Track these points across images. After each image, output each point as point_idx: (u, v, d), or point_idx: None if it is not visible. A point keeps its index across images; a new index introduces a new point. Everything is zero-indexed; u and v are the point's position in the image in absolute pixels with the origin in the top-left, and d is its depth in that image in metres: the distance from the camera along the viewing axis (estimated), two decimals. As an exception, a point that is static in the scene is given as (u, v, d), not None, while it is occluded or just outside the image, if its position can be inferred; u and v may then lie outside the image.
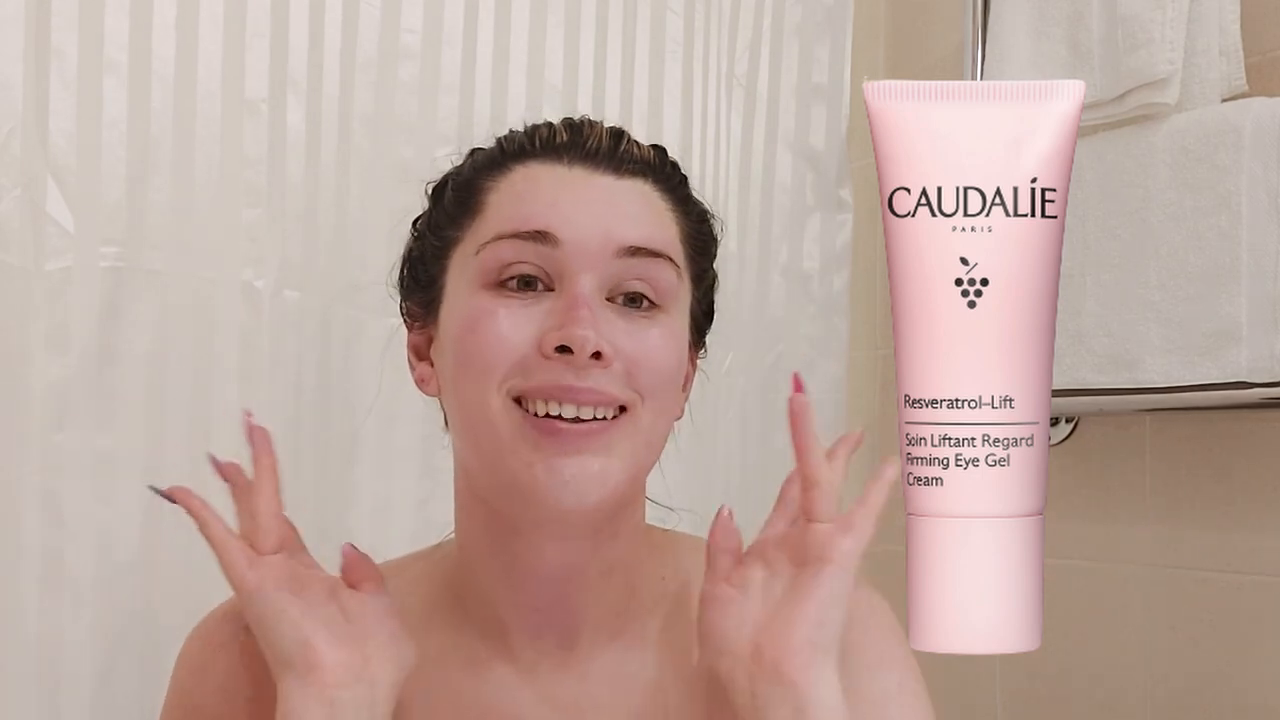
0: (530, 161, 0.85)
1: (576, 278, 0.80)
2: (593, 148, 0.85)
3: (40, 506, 1.23)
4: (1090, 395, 1.41)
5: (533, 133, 0.87)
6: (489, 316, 0.81)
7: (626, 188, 0.84)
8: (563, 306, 0.80)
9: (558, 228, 0.81)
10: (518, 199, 0.83)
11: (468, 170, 0.88)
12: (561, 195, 0.83)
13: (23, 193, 1.22)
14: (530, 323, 0.80)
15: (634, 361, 0.80)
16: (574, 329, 0.78)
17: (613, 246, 0.81)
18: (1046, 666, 1.56)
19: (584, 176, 0.84)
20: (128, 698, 1.27)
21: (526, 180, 0.84)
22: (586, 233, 0.81)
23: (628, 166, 0.85)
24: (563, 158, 0.85)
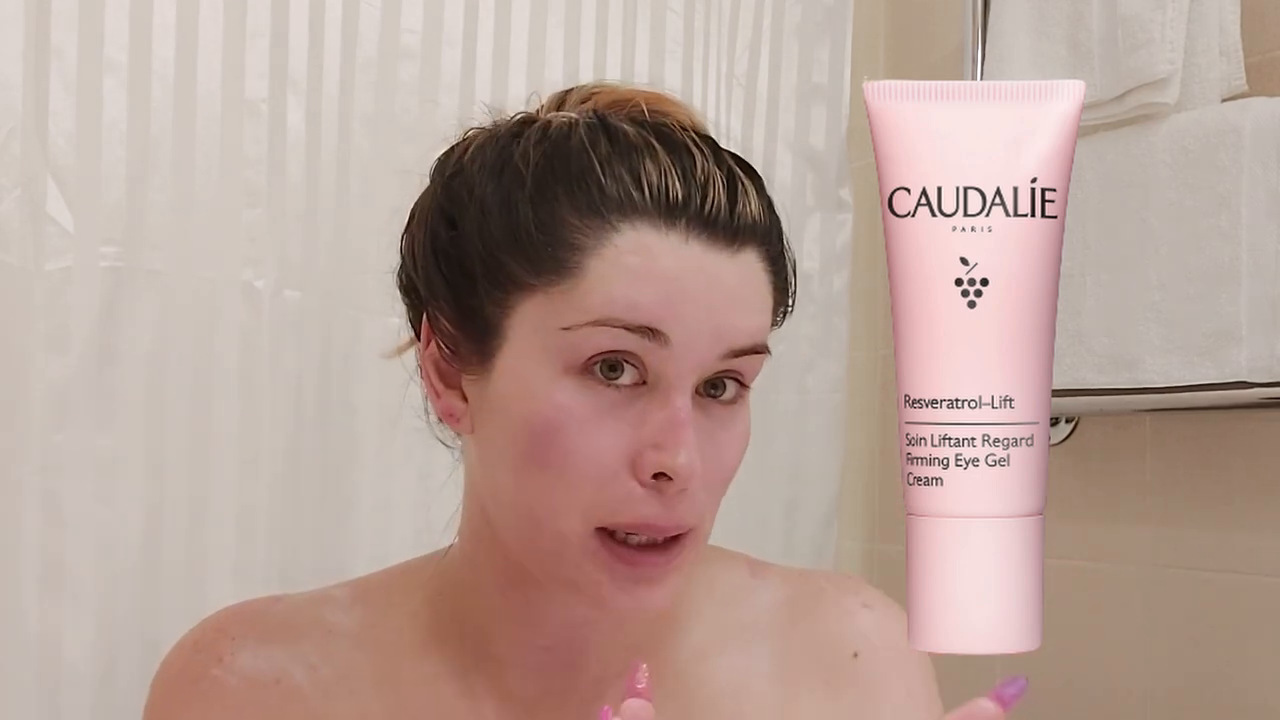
0: (640, 223, 0.72)
1: (680, 385, 0.72)
2: (712, 212, 0.73)
3: (40, 506, 1.23)
4: (1090, 395, 1.41)
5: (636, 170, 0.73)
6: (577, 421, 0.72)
7: (741, 269, 0.74)
8: (663, 422, 0.72)
9: (670, 326, 0.72)
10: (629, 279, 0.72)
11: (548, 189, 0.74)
12: (677, 288, 0.72)
13: (23, 193, 1.22)
14: (622, 430, 0.72)
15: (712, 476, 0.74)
16: (678, 456, 0.71)
17: (721, 349, 0.73)
18: (1046, 666, 1.56)
19: (701, 257, 0.73)
20: (128, 698, 1.27)
21: (637, 252, 0.72)
22: (699, 334, 0.72)
23: (742, 237, 0.74)
24: (677, 223, 0.73)
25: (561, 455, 0.72)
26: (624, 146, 0.75)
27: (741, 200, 0.75)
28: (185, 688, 0.83)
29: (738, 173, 0.77)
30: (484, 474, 0.79)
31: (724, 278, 0.73)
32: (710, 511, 0.76)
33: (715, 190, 0.74)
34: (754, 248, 0.75)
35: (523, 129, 0.79)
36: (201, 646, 0.84)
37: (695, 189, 0.73)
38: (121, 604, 1.27)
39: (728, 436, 0.75)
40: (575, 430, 0.72)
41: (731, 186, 0.75)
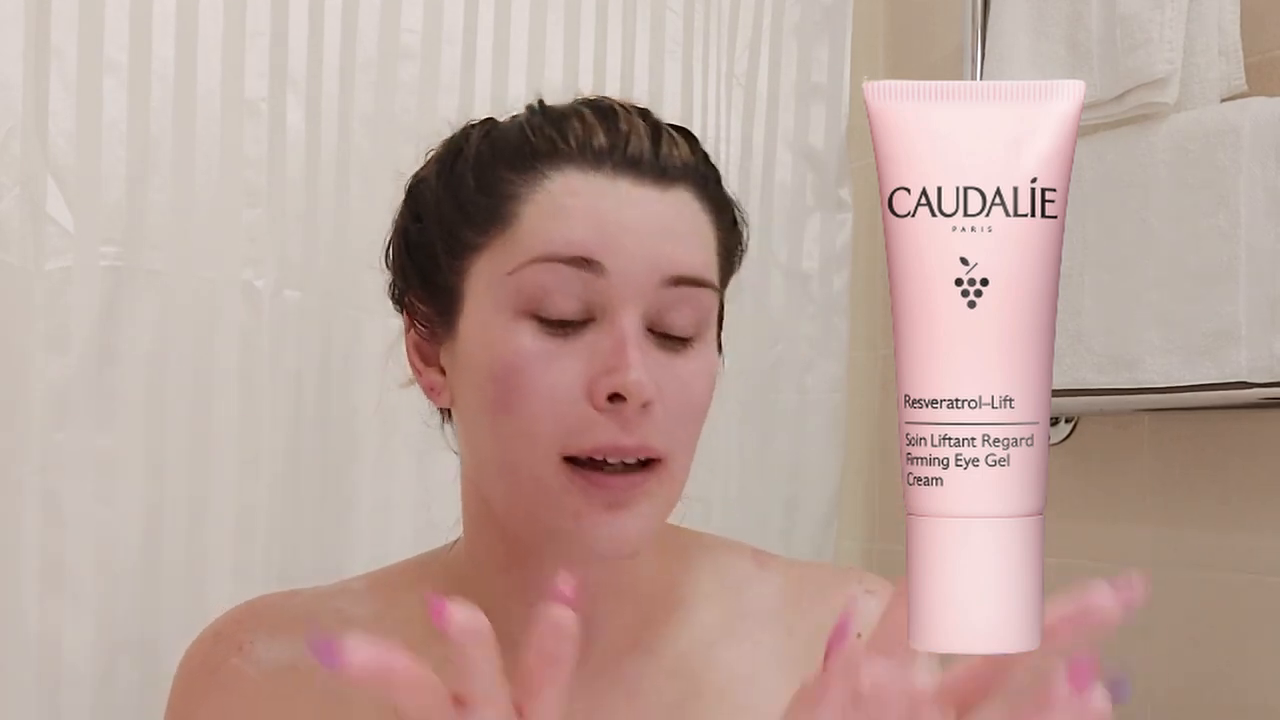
0: (567, 168, 0.78)
1: (622, 311, 0.76)
2: (635, 153, 0.78)
3: (40, 506, 1.23)
4: (1090, 395, 1.41)
5: (564, 128, 0.80)
6: (531, 359, 0.75)
7: (672, 202, 0.79)
8: (610, 346, 0.75)
9: (605, 255, 0.75)
10: (558, 216, 0.77)
11: (489, 159, 0.80)
12: (608, 217, 0.76)
13: (22, 192, 1.22)
14: (575, 364, 0.75)
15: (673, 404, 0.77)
16: (626, 375, 0.74)
17: (659, 276, 0.76)
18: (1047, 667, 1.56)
19: (629, 192, 0.77)
20: (128, 698, 1.27)
21: (567, 194, 0.77)
22: (635, 261, 0.76)
23: (671, 174, 0.79)
24: (604, 165, 0.78)
25: (522, 395, 0.75)
26: (555, 115, 0.81)
27: (667, 146, 0.79)
28: (205, 677, 0.86)
29: (665, 127, 0.81)
30: (467, 442, 0.82)
31: (654, 210, 0.78)
32: (681, 447, 0.78)
33: (638, 137, 0.79)
34: (685, 187, 0.79)
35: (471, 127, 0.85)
36: (222, 637, 0.87)
37: (619, 137, 0.79)
38: (121, 604, 1.27)
39: (689, 370, 0.78)
40: (531, 368, 0.75)
41: (656, 135, 0.80)
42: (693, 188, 0.80)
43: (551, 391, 0.75)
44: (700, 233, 0.80)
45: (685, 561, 0.89)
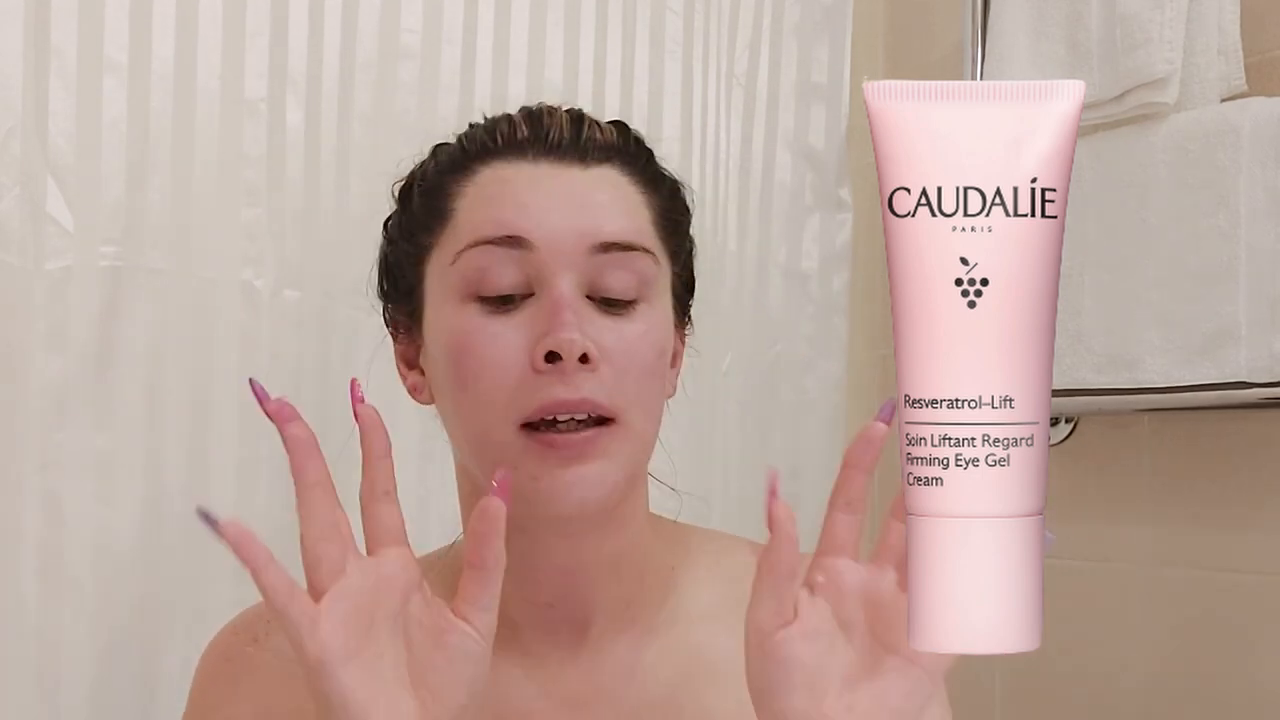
0: (494, 161, 0.85)
1: (554, 279, 0.80)
2: (555, 139, 0.84)
3: (40, 506, 1.23)
4: (1090, 395, 1.41)
5: (493, 129, 0.86)
6: (478, 336, 0.81)
7: (595, 178, 0.84)
8: (545, 311, 0.80)
9: (530, 231, 0.81)
10: (487, 203, 0.83)
11: (433, 173, 0.88)
12: (530, 196, 0.82)
13: (22, 192, 1.22)
14: (518, 335, 0.80)
15: (619, 362, 0.80)
16: (559, 333, 0.78)
17: (587, 244, 0.81)
18: (1046, 666, 1.56)
19: (550, 172, 0.84)
20: (127, 697, 1.27)
21: (494, 182, 0.84)
22: (560, 233, 0.81)
23: (593, 154, 0.85)
24: (527, 153, 0.84)
25: (474, 371, 0.80)
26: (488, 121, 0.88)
27: (588, 130, 0.85)
28: (222, 665, 0.90)
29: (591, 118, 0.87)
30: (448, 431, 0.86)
31: (577, 186, 0.83)
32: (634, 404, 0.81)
33: (559, 125, 0.85)
34: (610, 165, 0.85)
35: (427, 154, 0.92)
36: (240, 628, 0.91)
37: (540, 129, 0.85)
38: (121, 604, 1.27)
39: (632, 330, 0.82)
40: (478, 345, 0.80)
41: (578, 122, 0.86)
42: (618, 164, 0.86)
43: (499, 363, 0.80)
44: (628, 202, 0.84)
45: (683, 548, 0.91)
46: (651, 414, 0.83)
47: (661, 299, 0.85)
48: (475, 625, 0.72)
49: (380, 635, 0.71)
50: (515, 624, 0.86)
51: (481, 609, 0.72)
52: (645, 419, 0.82)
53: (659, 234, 0.86)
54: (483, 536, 0.72)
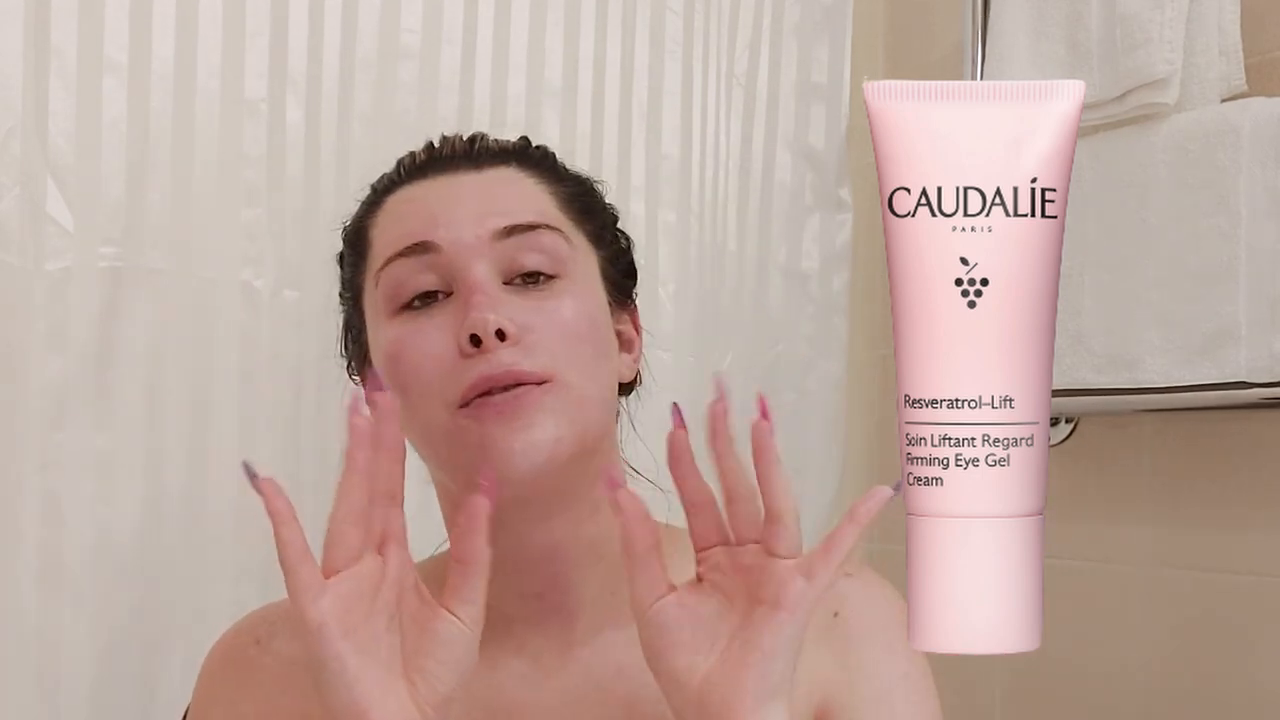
0: (399, 189, 0.91)
1: (465, 272, 0.84)
2: (447, 154, 0.90)
3: (40, 506, 1.23)
4: (1090, 395, 1.41)
5: (398, 164, 0.93)
6: (407, 340, 0.84)
7: (489, 176, 0.89)
8: (461, 301, 0.83)
9: (433, 233, 0.85)
10: (395, 222, 0.88)
11: (354, 222, 0.94)
12: (430, 205, 0.87)
13: (22, 192, 1.22)
14: (442, 331, 0.83)
15: (542, 333, 0.83)
16: (473, 314, 0.81)
17: (488, 231, 0.85)
18: (1046, 666, 1.56)
19: (447, 180, 0.88)
20: (127, 698, 1.27)
21: (399, 204, 0.89)
22: (460, 228, 0.85)
23: (486, 159, 0.90)
24: (426, 174, 0.90)
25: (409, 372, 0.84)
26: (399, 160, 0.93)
27: (480, 142, 0.91)
28: (224, 667, 0.92)
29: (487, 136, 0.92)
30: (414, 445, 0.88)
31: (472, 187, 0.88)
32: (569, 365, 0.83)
33: (452, 143, 0.91)
34: (504, 165, 0.90)
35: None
36: (242, 632, 0.93)
37: (435, 151, 0.91)
38: (121, 604, 1.27)
39: (554, 303, 0.84)
40: (407, 349, 0.84)
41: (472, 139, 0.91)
42: (515, 165, 0.90)
43: (429, 357, 0.83)
44: (525, 191, 0.88)
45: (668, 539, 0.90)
46: (590, 375, 0.85)
47: (584, 278, 0.88)
48: (461, 616, 0.75)
49: (377, 624, 0.74)
50: (508, 618, 0.88)
51: (466, 601, 0.76)
52: (583, 378, 0.84)
53: (568, 215, 0.89)
54: (467, 532, 0.76)
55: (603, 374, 0.86)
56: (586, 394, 0.84)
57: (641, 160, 1.57)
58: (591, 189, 0.94)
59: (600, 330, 0.87)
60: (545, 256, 0.85)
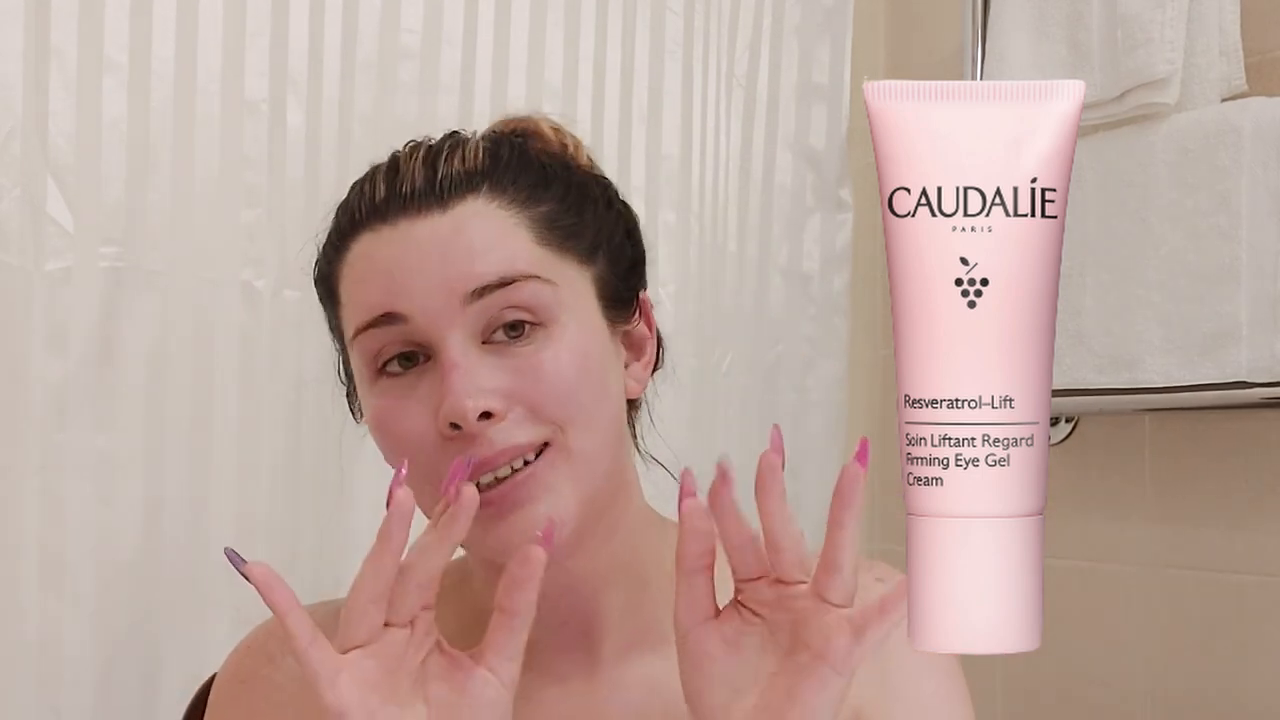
0: (361, 233, 0.82)
1: (439, 344, 0.78)
2: (408, 190, 0.80)
3: (40, 506, 1.23)
4: (1090, 395, 1.41)
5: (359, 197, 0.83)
6: (388, 416, 0.80)
7: (454, 220, 0.80)
8: (438, 379, 0.78)
9: (399, 304, 0.78)
10: (359, 284, 0.81)
11: (321, 259, 0.86)
12: (393, 267, 0.79)
13: (23, 193, 1.22)
14: (422, 405, 0.78)
15: (531, 395, 0.78)
16: (450, 402, 0.76)
17: (459, 295, 0.78)
18: (1046, 666, 1.56)
19: (407, 230, 0.80)
20: (128, 698, 1.27)
21: (361, 259, 0.81)
22: (428, 297, 0.78)
23: (451, 191, 0.80)
24: (386, 216, 0.81)
25: (394, 450, 0.80)
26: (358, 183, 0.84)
27: (444, 165, 0.81)
28: (236, 687, 0.89)
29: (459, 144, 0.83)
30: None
31: (438, 235, 0.79)
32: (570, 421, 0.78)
33: (412, 170, 0.81)
34: (473, 195, 0.81)
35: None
36: (254, 649, 0.90)
37: (395, 182, 0.81)
38: (121, 604, 1.27)
39: (541, 359, 0.79)
40: (391, 422, 0.80)
41: (434, 157, 0.82)
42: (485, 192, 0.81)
43: (412, 440, 0.78)
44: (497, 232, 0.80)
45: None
46: (589, 424, 0.80)
47: (572, 315, 0.81)
48: (500, 675, 0.72)
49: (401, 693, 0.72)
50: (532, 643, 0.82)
51: (507, 658, 0.72)
52: (585, 436, 0.79)
53: (547, 248, 0.81)
54: (520, 581, 0.72)
55: (604, 417, 0.81)
56: (587, 448, 0.79)
57: (641, 161, 1.58)
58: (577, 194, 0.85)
59: (596, 370, 0.81)
60: (525, 313, 0.79)
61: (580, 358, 0.80)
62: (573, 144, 0.89)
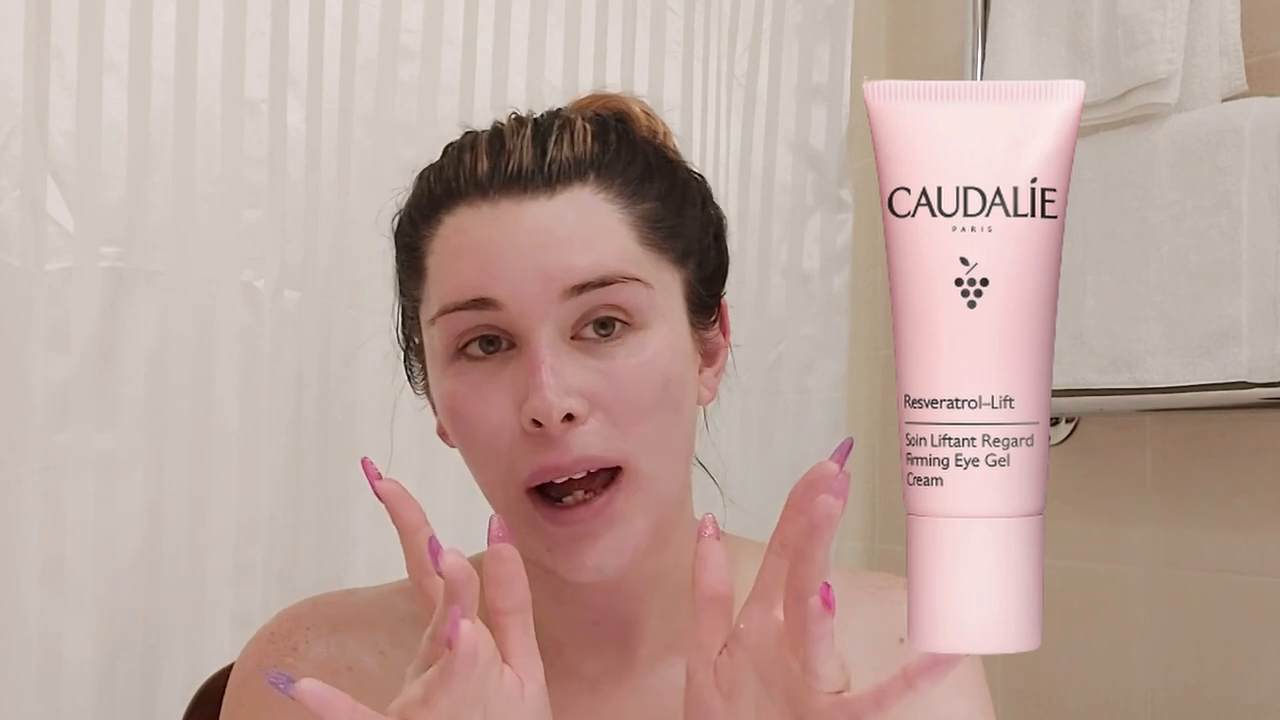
0: (457, 206, 0.79)
1: (529, 335, 0.76)
2: (515, 168, 0.78)
3: (40, 506, 1.23)
4: (1090, 395, 1.41)
5: (458, 167, 0.80)
6: (468, 400, 0.77)
7: (561, 208, 0.77)
8: (525, 371, 0.76)
9: (494, 289, 0.76)
10: (451, 261, 0.78)
11: (406, 222, 0.83)
12: (491, 250, 0.77)
13: (23, 193, 1.22)
14: (503, 394, 0.76)
15: (614, 406, 0.76)
16: (536, 400, 0.74)
17: (557, 289, 0.76)
18: (1046, 666, 1.56)
19: (511, 212, 0.77)
20: (128, 698, 1.27)
21: (455, 234, 0.79)
22: (526, 284, 0.76)
23: (560, 176, 0.78)
24: (488, 193, 0.78)
25: (470, 435, 0.78)
26: (455, 151, 0.82)
27: (554, 147, 0.78)
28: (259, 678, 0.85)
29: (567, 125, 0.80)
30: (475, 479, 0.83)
31: (541, 223, 0.77)
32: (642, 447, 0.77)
33: (520, 149, 0.78)
34: (579, 184, 0.78)
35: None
36: (278, 637, 0.87)
37: (500, 157, 0.78)
38: (121, 604, 1.27)
39: (627, 367, 0.77)
40: (468, 408, 0.78)
41: (542, 137, 0.79)
42: (593, 180, 0.79)
43: (491, 428, 0.77)
44: (602, 227, 0.78)
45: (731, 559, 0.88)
46: (667, 451, 0.79)
47: (664, 319, 0.80)
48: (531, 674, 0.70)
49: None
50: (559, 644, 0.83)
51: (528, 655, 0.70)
52: (658, 460, 0.78)
53: (648, 249, 0.80)
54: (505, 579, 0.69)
55: (678, 437, 0.80)
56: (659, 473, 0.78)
57: (642, 160, 1.57)
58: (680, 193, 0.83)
59: (676, 383, 0.80)
60: (620, 313, 0.77)
61: (665, 369, 0.79)
62: (663, 131, 0.88)
